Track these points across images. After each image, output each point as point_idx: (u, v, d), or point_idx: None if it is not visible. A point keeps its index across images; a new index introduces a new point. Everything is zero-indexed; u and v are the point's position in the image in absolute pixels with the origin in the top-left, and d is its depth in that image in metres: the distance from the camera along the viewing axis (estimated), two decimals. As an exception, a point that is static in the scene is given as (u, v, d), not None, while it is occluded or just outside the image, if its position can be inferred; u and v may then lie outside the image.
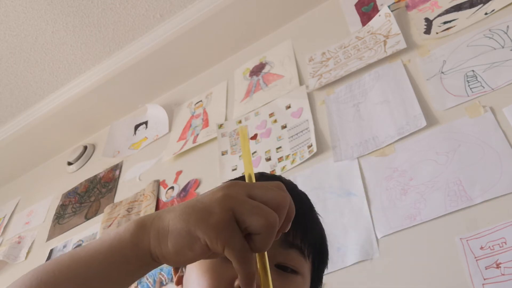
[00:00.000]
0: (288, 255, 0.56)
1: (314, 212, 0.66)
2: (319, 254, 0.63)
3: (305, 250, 0.59)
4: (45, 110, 2.16)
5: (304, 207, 0.63)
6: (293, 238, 0.57)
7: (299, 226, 0.57)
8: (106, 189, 1.91)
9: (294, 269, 0.57)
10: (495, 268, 0.91)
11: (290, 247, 0.57)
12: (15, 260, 1.90)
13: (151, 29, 1.93)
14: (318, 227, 0.65)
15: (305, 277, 0.58)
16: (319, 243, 0.64)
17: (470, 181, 1.06)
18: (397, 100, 1.33)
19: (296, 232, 0.58)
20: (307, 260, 0.59)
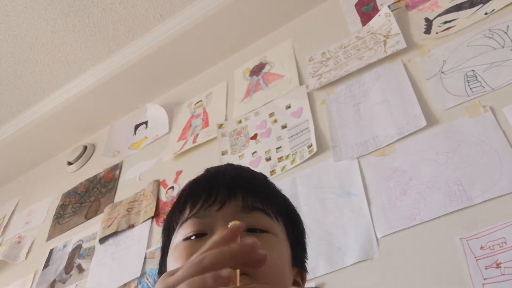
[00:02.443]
0: (253, 218, 0.57)
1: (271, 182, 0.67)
2: (289, 217, 0.64)
3: (270, 211, 0.59)
4: (45, 110, 2.16)
5: (258, 176, 0.66)
6: (253, 202, 0.58)
7: (256, 192, 0.60)
8: (106, 189, 1.91)
9: (262, 229, 0.57)
10: (495, 268, 0.91)
11: (252, 210, 0.57)
12: (15, 260, 1.90)
13: (151, 29, 1.93)
14: (278, 192, 0.66)
15: (278, 236, 0.58)
16: (284, 206, 0.64)
17: (470, 181, 1.06)
18: (397, 100, 1.33)
19: (255, 197, 0.59)
20: (276, 221, 0.60)
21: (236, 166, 0.67)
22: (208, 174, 0.64)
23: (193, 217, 0.57)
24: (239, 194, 0.58)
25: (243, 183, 0.60)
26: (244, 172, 0.65)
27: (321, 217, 1.22)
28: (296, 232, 0.64)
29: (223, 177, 0.62)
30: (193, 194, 0.60)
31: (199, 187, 0.61)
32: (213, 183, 0.60)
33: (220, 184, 0.59)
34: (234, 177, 0.62)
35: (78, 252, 1.74)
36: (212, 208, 0.57)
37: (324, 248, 1.16)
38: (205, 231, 0.56)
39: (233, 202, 0.58)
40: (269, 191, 0.64)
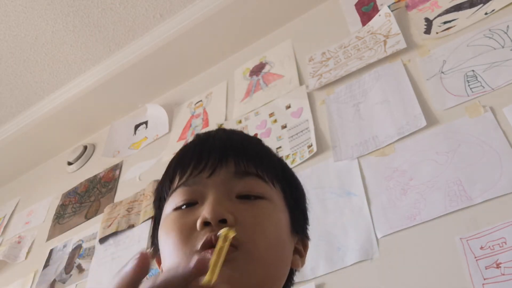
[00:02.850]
0: (247, 183, 0.53)
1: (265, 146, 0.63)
2: (286, 181, 0.60)
3: (264, 176, 0.55)
4: (45, 110, 2.16)
5: (251, 139, 0.62)
6: (246, 167, 0.55)
7: (249, 156, 0.56)
8: (106, 189, 1.91)
9: (257, 195, 0.53)
10: (495, 268, 0.91)
11: (245, 176, 0.54)
12: (15, 260, 1.90)
13: (151, 29, 1.93)
14: (273, 156, 0.62)
15: (274, 202, 0.55)
16: (280, 169, 0.60)
17: (470, 181, 1.06)
18: (397, 100, 1.33)
19: (248, 161, 0.55)
20: (272, 186, 0.56)
21: (228, 130, 0.64)
22: (198, 140, 0.60)
23: (183, 186, 0.54)
24: (231, 159, 0.55)
25: (235, 147, 0.57)
26: (236, 136, 0.61)
27: (321, 217, 1.22)
28: (295, 196, 0.60)
29: (213, 141, 0.58)
30: (182, 162, 0.57)
31: (189, 153, 0.57)
32: (202, 149, 0.57)
33: (210, 149, 0.56)
34: (225, 141, 0.58)
35: (78, 252, 1.74)
36: (202, 175, 0.54)
37: (324, 248, 1.16)
38: (195, 199, 0.53)
39: (225, 168, 0.54)
40: (263, 155, 0.60)
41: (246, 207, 0.52)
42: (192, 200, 0.53)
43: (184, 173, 0.55)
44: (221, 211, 0.49)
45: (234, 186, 0.53)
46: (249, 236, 0.49)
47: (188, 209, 0.52)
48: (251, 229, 0.50)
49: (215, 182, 0.53)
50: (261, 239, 0.50)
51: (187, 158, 0.56)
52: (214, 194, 0.51)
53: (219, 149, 0.55)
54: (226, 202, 0.51)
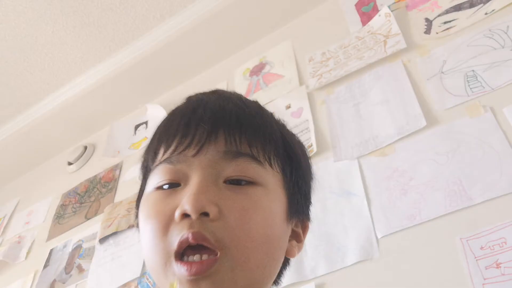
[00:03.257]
0: (238, 166, 0.46)
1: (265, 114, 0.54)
2: (287, 159, 0.52)
3: (260, 156, 0.48)
4: (45, 110, 2.16)
5: (248, 109, 0.52)
6: (238, 146, 0.47)
7: (244, 130, 0.48)
8: (106, 189, 1.91)
9: (249, 180, 0.47)
10: (495, 268, 0.91)
11: (236, 157, 0.47)
12: (15, 260, 1.90)
13: (151, 29, 1.93)
14: (273, 128, 0.53)
15: (269, 188, 0.48)
16: (281, 144, 0.52)
17: (470, 181, 1.06)
18: (397, 100, 1.33)
19: (242, 138, 0.48)
20: (269, 166, 0.49)
21: (223, 95, 0.54)
22: (187, 106, 0.52)
23: (166, 163, 0.48)
24: (221, 135, 0.47)
25: (228, 119, 0.49)
26: (230, 104, 0.51)
27: (321, 217, 1.22)
28: (296, 176, 0.53)
29: (203, 111, 0.49)
30: (167, 131, 0.50)
31: (175, 122, 0.50)
32: (190, 119, 0.49)
33: (198, 121, 0.48)
34: (217, 112, 0.49)
35: (78, 252, 1.74)
36: (188, 153, 0.47)
37: (324, 248, 1.16)
38: (178, 180, 0.47)
39: (213, 146, 0.47)
40: (261, 128, 0.51)
41: (234, 196, 0.46)
42: (175, 180, 0.47)
43: (168, 146, 0.49)
44: (203, 202, 0.43)
45: (222, 169, 0.46)
46: (233, 236, 0.43)
47: (170, 190, 0.47)
48: (236, 226, 0.44)
49: (201, 163, 0.46)
50: (248, 239, 0.44)
51: (173, 129, 0.50)
52: (199, 178, 0.45)
53: (209, 121, 0.48)
54: (211, 189, 0.45)
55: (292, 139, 0.56)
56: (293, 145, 0.55)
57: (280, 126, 0.56)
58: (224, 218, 0.44)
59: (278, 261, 0.50)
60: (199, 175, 0.46)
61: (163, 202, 0.46)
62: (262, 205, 0.47)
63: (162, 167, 0.48)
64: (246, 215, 0.45)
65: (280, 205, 0.50)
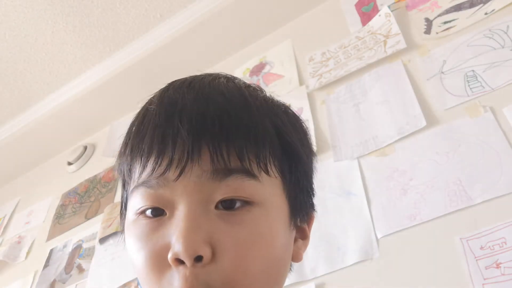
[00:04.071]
0: (228, 186, 0.40)
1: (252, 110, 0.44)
2: (285, 156, 0.45)
3: (253, 168, 0.41)
4: (45, 110, 2.16)
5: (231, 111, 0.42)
6: (227, 161, 0.40)
7: (231, 138, 0.40)
8: (106, 189, 1.91)
9: (244, 199, 0.40)
10: (495, 268, 0.91)
11: (226, 175, 0.40)
12: (15, 260, 1.90)
13: (151, 29, 1.93)
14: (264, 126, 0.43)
15: (266, 205, 0.42)
16: (276, 141, 0.44)
17: (470, 181, 1.06)
18: (397, 100, 1.33)
19: (229, 150, 0.40)
20: (265, 176, 0.42)
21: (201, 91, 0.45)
22: (159, 112, 0.44)
23: (145, 187, 0.41)
24: (205, 150, 0.40)
25: (210, 130, 0.40)
26: (210, 107, 0.42)
27: (321, 217, 1.22)
28: (297, 174, 0.47)
29: (179, 121, 0.41)
30: (139, 145, 0.43)
31: (148, 135, 0.42)
32: (165, 133, 0.41)
33: (175, 135, 0.40)
34: (196, 121, 0.41)
35: (78, 252, 1.74)
36: (168, 176, 0.40)
37: (324, 248, 1.16)
38: (162, 207, 0.41)
39: (197, 165, 0.40)
40: (251, 131, 0.42)
41: (228, 229, 0.40)
42: (159, 206, 0.41)
43: (144, 166, 0.42)
44: (195, 245, 0.38)
45: (212, 192, 0.40)
46: (228, 279, 0.39)
47: (156, 221, 0.41)
48: (231, 268, 0.39)
49: (186, 188, 0.40)
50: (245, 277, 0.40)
51: (147, 141, 0.42)
52: (186, 209, 0.39)
53: (189, 134, 0.40)
54: (202, 222, 0.39)
55: (288, 129, 0.47)
56: (291, 137, 0.46)
57: (274, 116, 0.46)
58: (219, 259, 0.39)
59: (283, 279, 0.46)
60: (185, 204, 0.40)
61: (151, 237, 0.41)
62: (260, 231, 0.41)
63: (142, 191, 0.42)
64: (242, 251, 0.40)
65: (281, 218, 0.45)
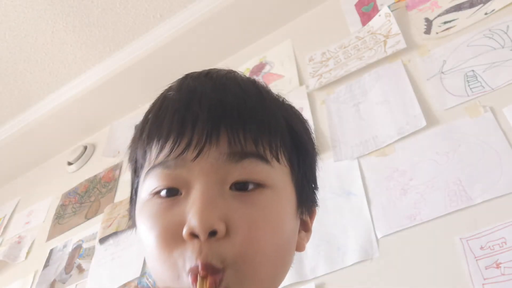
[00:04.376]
0: (244, 168, 0.42)
1: (266, 102, 0.48)
2: (294, 148, 0.48)
3: (267, 153, 0.44)
4: (45, 110, 2.16)
5: (247, 100, 0.46)
6: (243, 145, 0.43)
7: (248, 125, 0.43)
8: (106, 189, 1.91)
9: (257, 182, 0.43)
10: (495, 268, 0.91)
11: (242, 158, 0.43)
12: (15, 260, 1.90)
13: (151, 29, 1.93)
14: (278, 115, 0.48)
15: (278, 188, 0.44)
16: (287, 133, 0.48)
17: (470, 181, 1.06)
18: (397, 100, 1.33)
19: (246, 135, 0.43)
20: (276, 163, 0.45)
21: (218, 81, 0.48)
22: (179, 98, 0.46)
23: (162, 167, 0.43)
24: (223, 134, 0.42)
25: (228, 115, 0.43)
26: (229, 96, 0.45)
27: (321, 217, 1.22)
28: (304, 167, 0.50)
29: (199, 105, 0.44)
30: (158, 129, 0.45)
31: (167, 119, 0.44)
32: (184, 117, 0.43)
33: (195, 119, 0.43)
34: (216, 106, 0.44)
35: (78, 252, 1.74)
36: (186, 157, 0.42)
37: (324, 248, 1.16)
38: (177, 187, 0.43)
39: (215, 147, 0.42)
40: (266, 121, 0.45)
41: (242, 208, 0.42)
42: (175, 187, 0.43)
43: (162, 147, 0.43)
44: (210, 221, 0.40)
45: (227, 174, 0.42)
46: (240, 253, 0.41)
47: (171, 200, 0.43)
48: (244, 243, 0.41)
49: (203, 168, 0.42)
50: (257, 254, 0.42)
51: (165, 126, 0.44)
52: (203, 188, 0.41)
53: (208, 119, 0.43)
54: (217, 201, 0.41)
55: (297, 124, 0.51)
56: (300, 132, 0.50)
57: (284, 111, 0.50)
58: (232, 235, 0.41)
59: (289, 264, 0.48)
60: (202, 184, 0.42)
61: (165, 215, 0.42)
62: (272, 212, 0.44)
63: (158, 171, 0.43)
64: (255, 229, 0.42)
65: (290, 203, 0.47)
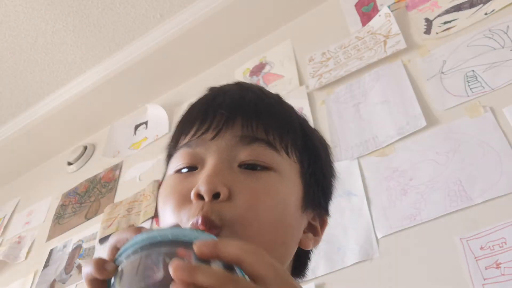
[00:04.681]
0: (253, 151, 0.48)
1: (286, 105, 0.56)
2: (306, 150, 0.53)
3: (276, 143, 0.49)
4: (45, 110, 2.16)
5: (267, 98, 0.54)
6: (255, 131, 0.49)
7: (261, 117, 0.50)
8: (106, 189, 1.91)
9: (263, 165, 0.48)
10: (495, 268, 0.91)
11: (252, 142, 0.48)
12: (15, 260, 1.90)
13: (151, 29, 1.93)
14: (293, 119, 0.54)
15: (283, 174, 0.49)
16: (301, 135, 0.53)
17: (470, 181, 1.06)
18: (397, 100, 1.33)
19: (259, 124, 0.49)
20: (285, 155, 0.50)
21: (245, 85, 0.57)
22: (208, 95, 0.55)
23: (185, 147, 0.50)
24: (238, 120, 0.49)
25: (246, 106, 0.51)
26: (250, 93, 0.53)
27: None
28: (314, 168, 0.53)
29: (223, 99, 0.52)
30: (188, 119, 0.53)
31: (195, 110, 0.53)
32: (209, 106, 0.52)
33: (217, 107, 0.51)
34: (236, 99, 0.52)
35: (78, 252, 1.74)
36: (206, 137, 0.49)
37: (324, 248, 1.16)
38: (196, 164, 0.49)
39: (230, 130, 0.49)
40: (280, 117, 0.52)
41: (247, 179, 0.47)
42: (193, 164, 0.49)
43: (188, 132, 0.51)
44: (215, 184, 0.44)
45: (238, 153, 0.48)
46: (238, 215, 0.44)
47: (188, 173, 0.49)
48: (244, 206, 0.45)
49: (218, 147, 0.48)
50: (254, 220, 0.45)
51: (193, 116, 0.52)
52: (214, 161, 0.47)
53: (227, 108, 0.50)
54: (225, 171, 0.46)
55: (312, 132, 0.57)
56: (313, 138, 0.56)
57: (301, 119, 0.56)
58: (233, 199, 0.45)
59: (288, 248, 0.50)
60: (214, 158, 0.47)
61: (181, 183, 0.48)
62: (274, 189, 0.48)
63: (182, 151, 0.50)
64: (256, 197, 0.46)
65: (294, 193, 0.50)
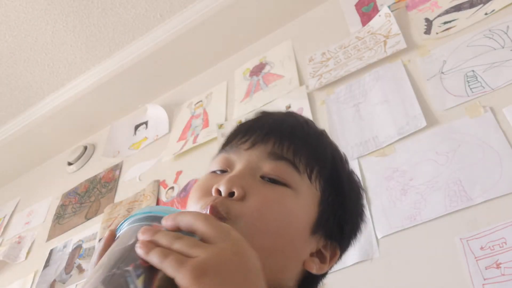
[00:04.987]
0: (276, 167, 0.53)
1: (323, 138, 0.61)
2: (331, 183, 0.56)
3: (300, 165, 0.53)
4: (45, 110, 2.16)
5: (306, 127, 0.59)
6: (283, 151, 0.54)
7: (293, 140, 0.55)
8: (106, 189, 1.91)
9: (283, 182, 0.52)
10: (495, 268, 0.91)
11: (278, 159, 0.53)
12: (15, 260, 1.90)
13: (151, 29, 1.93)
14: (327, 151, 0.59)
15: (299, 193, 0.52)
16: (329, 167, 0.56)
17: (470, 181, 1.06)
18: (397, 100, 1.33)
19: (289, 146, 0.54)
20: (307, 179, 0.54)
21: (292, 113, 0.64)
22: (257, 116, 0.62)
23: (223, 152, 0.57)
24: (272, 139, 0.55)
25: (283, 129, 0.57)
26: (292, 120, 0.60)
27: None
28: (333, 200, 0.56)
29: (267, 119, 0.59)
30: (233, 133, 0.60)
31: (242, 127, 0.60)
32: (254, 124, 0.59)
33: (260, 126, 0.57)
34: (277, 122, 0.58)
35: (78, 252, 1.74)
36: (242, 146, 0.55)
37: (324, 248, 1.16)
38: (227, 168, 0.55)
39: (263, 146, 0.55)
40: (312, 145, 0.57)
41: (263, 189, 0.51)
42: (225, 167, 0.55)
43: (230, 142, 0.58)
44: (234, 184, 0.50)
45: (263, 166, 0.53)
46: (245, 214, 0.48)
47: (219, 174, 0.55)
48: (252, 209, 0.49)
49: (249, 156, 0.54)
50: (258, 220, 0.48)
51: (238, 131, 0.59)
52: (241, 167, 0.53)
53: (267, 127, 0.56)
54: (246, 177, 0.51)
55: (343, 170, 0.59)
56: (342, 175, 0.58)
57: (337, 157, 0.60)
58: (246, 200, 0.49)
59: (287, 259, 0.51)
60: (242, 165, 0.53)
61: (209, 181, 0.54)
62: (284, 201, 0.51)
63: (219, 155, 0.57)
64: (266, 203, 0.50)
65: (306, 213, 0.53)
